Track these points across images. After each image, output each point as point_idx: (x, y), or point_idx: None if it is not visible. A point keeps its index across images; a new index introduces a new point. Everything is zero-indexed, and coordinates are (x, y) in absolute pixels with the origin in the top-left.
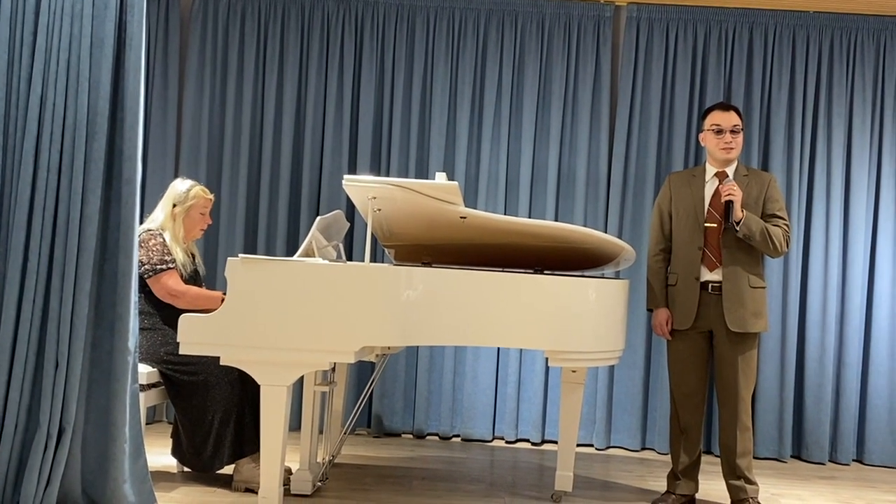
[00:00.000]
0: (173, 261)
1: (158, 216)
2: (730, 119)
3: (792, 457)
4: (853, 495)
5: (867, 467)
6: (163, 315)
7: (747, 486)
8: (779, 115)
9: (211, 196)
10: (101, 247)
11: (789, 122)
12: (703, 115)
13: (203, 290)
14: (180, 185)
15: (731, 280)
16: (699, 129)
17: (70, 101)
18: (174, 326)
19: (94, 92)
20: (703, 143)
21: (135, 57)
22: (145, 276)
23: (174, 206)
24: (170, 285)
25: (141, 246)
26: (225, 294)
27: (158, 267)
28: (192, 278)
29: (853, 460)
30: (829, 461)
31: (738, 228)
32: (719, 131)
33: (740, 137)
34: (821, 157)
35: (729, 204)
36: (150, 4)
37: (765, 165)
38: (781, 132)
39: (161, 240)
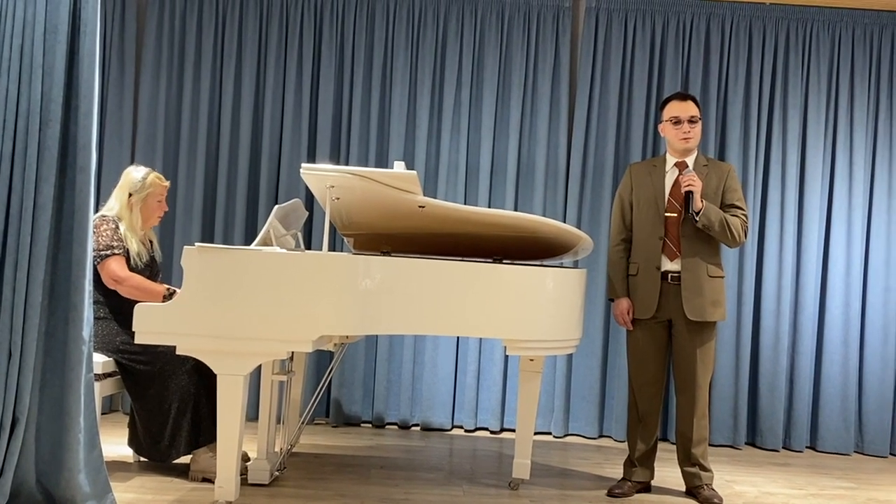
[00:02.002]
0: (121, 247)
1: (114, 205)
2: (687, 109)
3: (746, 444)
4: (806, 481)
5: (820, 454)
6: (109, 304)
7: (702, 472)
8: (735, 105)
9: (167, 183)
10: (55, 236)
11: (745, 113)
12: (662, 105)
13: (146, 281)
14: (135, 173)
15: (690, 269)
16: (658, 120)
17: (23, 87)
18: (119, 316)
19: (48, 78)
20: (662, 134)
21: (89, 43)
22: (94, 261)
23: (130, 195)
24: (114, 270)
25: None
26: (168, 289)
27: (104, 253)
28: (149, 266)
29: (806, 447)
30: (783, 448)
31: (697, 218)
32: (677, 122)
33: (698, 127)
34: (776, 148)
35: (689, 194)
36: None
37: (721, 155)
38: (738, 123)
39: (113, 226)
